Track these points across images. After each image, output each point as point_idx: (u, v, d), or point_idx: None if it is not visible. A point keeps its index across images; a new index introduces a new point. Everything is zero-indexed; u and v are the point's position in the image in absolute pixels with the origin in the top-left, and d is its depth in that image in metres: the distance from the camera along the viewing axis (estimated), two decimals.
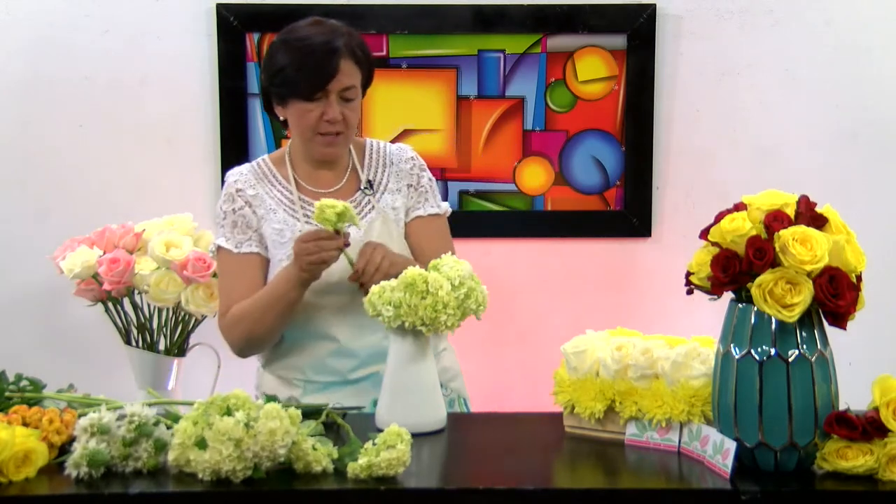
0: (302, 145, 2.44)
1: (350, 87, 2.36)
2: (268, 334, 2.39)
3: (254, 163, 2.51)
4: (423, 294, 2.05)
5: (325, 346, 2.41)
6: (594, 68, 3.27)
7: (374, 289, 2.10)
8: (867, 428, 1.80)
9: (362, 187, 2.47)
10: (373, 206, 2.45)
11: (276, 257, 2.42)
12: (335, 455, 1.86)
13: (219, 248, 2.45)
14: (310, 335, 2.42)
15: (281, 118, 2.44)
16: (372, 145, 2.54)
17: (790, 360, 1.80)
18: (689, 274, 1.93)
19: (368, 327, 2.33)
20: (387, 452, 1.80)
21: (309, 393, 2.42)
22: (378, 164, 2.51)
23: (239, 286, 2.40)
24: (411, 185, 2.50)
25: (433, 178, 2.55)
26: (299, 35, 2.37)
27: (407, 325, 2.06)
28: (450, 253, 2.19)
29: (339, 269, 2.32)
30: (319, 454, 1.84)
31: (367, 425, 2.04)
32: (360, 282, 2.27)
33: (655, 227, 3.31)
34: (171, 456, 1.83)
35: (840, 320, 1.81)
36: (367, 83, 2.45)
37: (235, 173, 2.49)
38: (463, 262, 2.14)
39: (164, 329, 2.94)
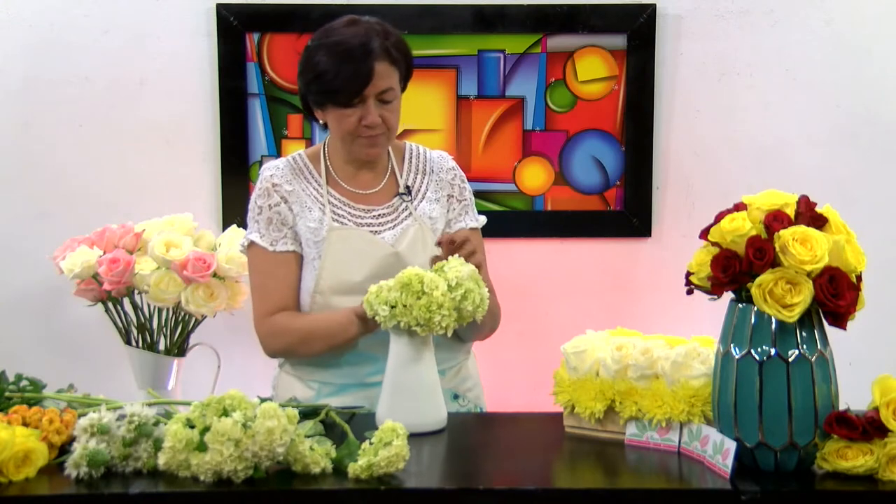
0: (342, 147, 2.42)
1: (387, 90, 2.33)
2: (309, 356, 2.40)
3: (289, 157, 2.47)
4: (418, 294, 2.04)
5: (344, 348, 2.38)
6: (594, 68, 3.26)
7: (371, 288, 2.10)
8: (867, 428, 1.80)
9: (400, 192, 2.46)
10: (409, 213, 2.44)
11: (308, 255, 2.40)
12: (333, 455, 1.86)
13: (251, 243, 2.42)
14: None
15: (321, 122, 2.42)
16: (412, 150, 2.52)
17: (790, 360, 1.80)
18: (689, 274, 1.93)
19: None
20: (385, 450, 1.80)
21: (323, 395, 2.40)
22: (417, 170, 2.50)
23: (276, 286, 2.39)
24: (452, 196, 2.50)
25: (471, 190, 2.56)
26: (335, 39, 2.32)
27: (402, 325, 2.06)
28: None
29: (361, 270, 2.33)
30: (317, 454, 1.84)
31: (372, 426, 2.03)
32: (451, 250, 2.22)
33: (655, 227, 3.31)
34: (161, 460, 1.82)
35: (840, 320, 1.81)
36: (405, 81, 2.41)
37: (272, 167, 2.45)
38: (468, 264, 2.14)
39: (164, 329, 2.94)
